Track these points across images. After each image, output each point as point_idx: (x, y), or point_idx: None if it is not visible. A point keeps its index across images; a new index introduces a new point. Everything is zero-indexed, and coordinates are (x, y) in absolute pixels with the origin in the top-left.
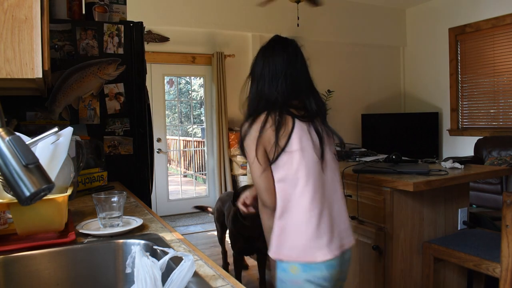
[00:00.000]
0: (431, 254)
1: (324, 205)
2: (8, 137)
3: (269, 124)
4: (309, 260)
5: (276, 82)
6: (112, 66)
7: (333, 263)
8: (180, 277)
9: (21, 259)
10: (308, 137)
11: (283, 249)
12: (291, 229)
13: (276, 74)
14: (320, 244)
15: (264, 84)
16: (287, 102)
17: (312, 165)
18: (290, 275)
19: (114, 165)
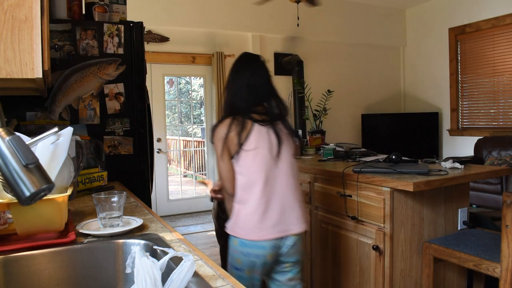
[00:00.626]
0: (431, 254)
1: (273, 196)
2: (8, 137)
3: (233, 128)
4: (250, 238)
5: (240, 92)
6: (112, 66)
7: (266, 245)
8: (180, 277)
9: (21, 259)
10: (265, 138)
11: (236, 228)
12: (243, 212)
13: (240, 86)
14: (262, 227)
15: (232, 95)
16: (250, 108)
17: (265, 162)
18: (234, 246)
19: (114, 165)
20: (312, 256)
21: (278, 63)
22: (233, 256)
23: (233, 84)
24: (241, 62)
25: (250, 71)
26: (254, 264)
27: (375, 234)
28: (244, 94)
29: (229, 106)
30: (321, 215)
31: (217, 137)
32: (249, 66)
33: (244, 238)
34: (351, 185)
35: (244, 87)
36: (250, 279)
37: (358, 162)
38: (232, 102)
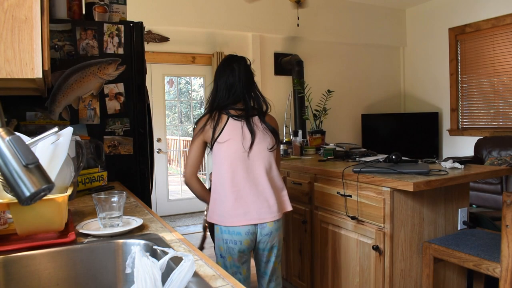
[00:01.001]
0: (431, 254)
1: (244, 185)
2: (8, 137)
3: (210, 122)
4: (225, 224)
5: (220, 91)
6: (112, 66)
7: (240, 231)
8: (180, 277)
9: (21, 259)
10: (238, 132)
11: (213, 215)
12: (218, 200)
13: (221, 85)
14: (234, 214)
15: (213, 93)
16: (228, 105)
17: (237, 154)
18: (216, 234)
19: (114, 165)
20: (312, 256)
21: (278, 63)
22: (217, 244)
23: (215, 83)
24: (223, 63)
25: (229, 71)
26: (232, 250)
27: (375, 234)
28: (223, 93)
29: (210, 103)
30: (321, 215)
31: (196, 129)
32: (229, 67)
33: (221, 225)
34: (351, 185)
35: (223, 86)
36: (232, 267)
37: (358, 162)
38: (213, 100)
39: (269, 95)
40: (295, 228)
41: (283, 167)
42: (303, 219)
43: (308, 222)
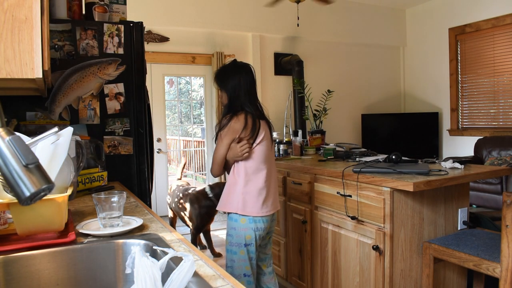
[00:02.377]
0: (431, 254)
1: (271, 180)
2: (8, 137)
3: (248, 124)
4: (261, 215)
5: (241, 91)
6: (112, 66)
7: (268, 219)
8: (180, 277)
9: (21, 259)
10: (267, 132)
11: (246, 208)
12: (252, 193)
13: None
14: (267, 205)
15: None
16: (248, 106)
17: (268, 152)
18: (243, 225)
19: (114, 165)
20: (312, 256)
21: (278, 63)
22: (243, 234)
23: (232, 84)
24: (237, 66)
25: (245, 74)
26: (259, 237)
27: (375, 234)
28: (243, 93)
29: (233, 103)
30: (321, 215)
31: (233, 128)
32: (245, 70)
33: (255, 216)
34: (351, 185)
35: (243, 87)
36: (253, 252)
37: (358, 162)
38: (235, 100)
39: (269, 95)
40: (295, 228)
41: (283, 167)
42: (303, 219)
43: (308, 222)
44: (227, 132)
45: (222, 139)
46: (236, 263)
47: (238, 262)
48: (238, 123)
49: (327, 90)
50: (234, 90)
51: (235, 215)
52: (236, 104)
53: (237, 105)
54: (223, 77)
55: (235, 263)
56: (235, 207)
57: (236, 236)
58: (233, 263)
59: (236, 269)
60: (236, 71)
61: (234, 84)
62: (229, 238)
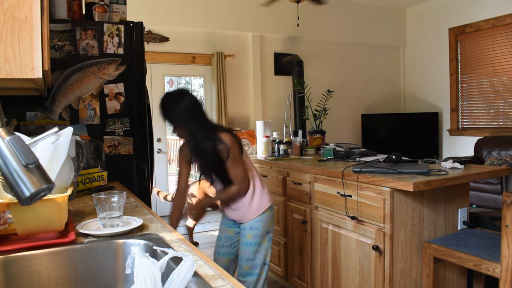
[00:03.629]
0: (431, 254)
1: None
2: (8, 137)
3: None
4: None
5: (203, 121)
6: (112, 66)
7: (273, 205)
8: (180, 277)
9: (21, 259)
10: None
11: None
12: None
13: (199, 118)
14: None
15: (198, 119)
16: (216, 125)
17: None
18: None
19: (114, 165)
20: (312, 256)
21: (278, 63)
22: (266, 224)
23: (192, 120)
24: (188, 97)
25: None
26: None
27: (375, 234)
28: (206, 120)
29: (209, 128)
30: (321, 215)
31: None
32: (192, 101)
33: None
34: (351, 185)
35: (200, 117)
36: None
37: (358, 162)
38: (206, 123)
39: (269, 95)
40: (295, 228)
41: (283, 167)
42: (303, 219)
43: (308, 222)
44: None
45: (236, 159)
46: (258, 254)
47: (259, 253)
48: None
49: (327, 90)
50: (193, 118)
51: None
52: (206, 129)
53: (208, 130)
54: (174, 113)
55: (256, 254)
56: (255, 211)
57: (262, 227)
58: (254, 255)
59: (257, 259)
60: (179, 101)
61: (187, 114)
62: (255, 231)
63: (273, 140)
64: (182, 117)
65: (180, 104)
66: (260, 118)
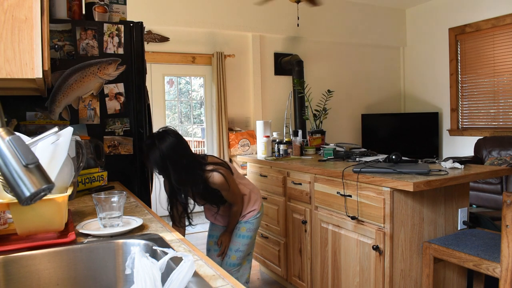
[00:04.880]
0: (431, 254)
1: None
2: (8, 137)
3: (228, 170)
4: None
5: (192, 158)
6: (112, 66)
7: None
8: (180, 277)
9: (21, 259)
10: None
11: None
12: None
13: (188, 156)
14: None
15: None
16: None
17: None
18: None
19: (114, 165)
20: (312, 256)
21: (278, 63)
22: (259, 221)
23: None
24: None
25: (177, 143)
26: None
27: (375, 234)
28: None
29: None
30: (321, 215)
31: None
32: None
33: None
34: (351, 185)
35: (188, 155)
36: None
37: (358, 162)
38: (194, 159)
39: (269, 95)
40: (295, 228)
41: (283, 167)
42: (303, 219)
43: (308, 222)
44: (229, 182)
45: (231, 189)
46: (248, 246)
47: (248, 245)
48: (224, 171)
49: (327, 90)
50: (182, 159)
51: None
52: (193, 162)
53: (194, 163)
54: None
55: (247, 246)
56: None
57: (256, 223)
58: (245, 247)
59: (245, 251)
60: (170, 146)
61: (177, 154)
62: (249, 225)
63: (273, 140)
64: (167, 161)
65: (162, 148)
66: (260, 118)
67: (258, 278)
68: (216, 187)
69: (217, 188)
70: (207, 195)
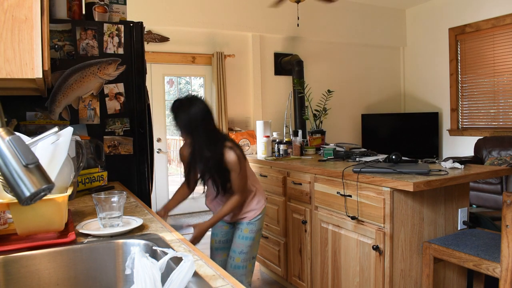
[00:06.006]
0: (431, 254)
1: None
2: (8, 137)
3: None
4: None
5: (212, 124)
6: (112, 66)
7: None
8: (180, 277)
9: (21, 259)
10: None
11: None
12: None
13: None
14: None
15: (209, 124)
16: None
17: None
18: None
19: (114, 165)
20: (312, 256)
21: (278, 63)
22: (261, 222)
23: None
24: (204, 105)
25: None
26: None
27: (375, 234)
28: (215, 128)
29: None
30: (321, 215)
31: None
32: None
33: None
34: (351, 185)
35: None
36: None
37: (358, 162)
38: (213, 135)
39: (269, 95)
40: (295, 228)
41: (283, 167)
42: (303, 219)
43: (308, 222)
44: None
45: (241, 172)
46: (251, 248)
47: (251, 247)
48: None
49: (327, 90)
50: (205, 123)
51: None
52: (216, 135)
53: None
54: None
55: (250, 248)
56: (255, 212)
57: (258, 224)
58: (248, 249)
59: (249, 253)
60: (201, 111)
61: (199, 118)
62: (251, 226)
63: (273, 140)
64: (191, 124)
65: (190, 111)
66: (260, 118)
67: (258, 278)
68: (229, 166)
69: (230, 167)
70: (217, 171)
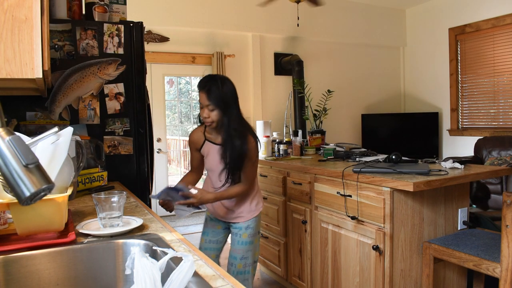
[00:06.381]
0: (431, 254)
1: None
2: (8, 137)
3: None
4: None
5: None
6: (112, 66)
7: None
8: (180, 277)
9: (21, 259)
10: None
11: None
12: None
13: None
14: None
15: (239, 106)
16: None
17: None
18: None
19: (114, 165)
20: (312, 256)
21: (278, 63)
22: (258, 224)
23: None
24: (235, 89)
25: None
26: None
27: (375, 234)
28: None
29: (242, 120)
30: (321, 215)
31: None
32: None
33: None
34: (351, 185)
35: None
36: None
37: (358, 162)
38: (241, 119)
39: (269, 95)
40: (295, 228)
41: (283, 167)
42: (303, 219)
43: (308, 222)
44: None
45: (254, 163)
46: (252, 252)
47: (252, 251)
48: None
49: (327, 90)
50: (236, 108)
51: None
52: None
53: (242, 125)
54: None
55: (251, 252)
56: (253, 213)
57: (256, 227)
58: (249, 253)
59: (251, 258)
60: (229, 85)
61: (231, 100)
62: (250, 230)
63: (273, 140)
64: (224, 101)
65: (223, 88)
66: (260, 118)
67: (258, 278)
68: (248, 152)
69: (248, 153)
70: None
